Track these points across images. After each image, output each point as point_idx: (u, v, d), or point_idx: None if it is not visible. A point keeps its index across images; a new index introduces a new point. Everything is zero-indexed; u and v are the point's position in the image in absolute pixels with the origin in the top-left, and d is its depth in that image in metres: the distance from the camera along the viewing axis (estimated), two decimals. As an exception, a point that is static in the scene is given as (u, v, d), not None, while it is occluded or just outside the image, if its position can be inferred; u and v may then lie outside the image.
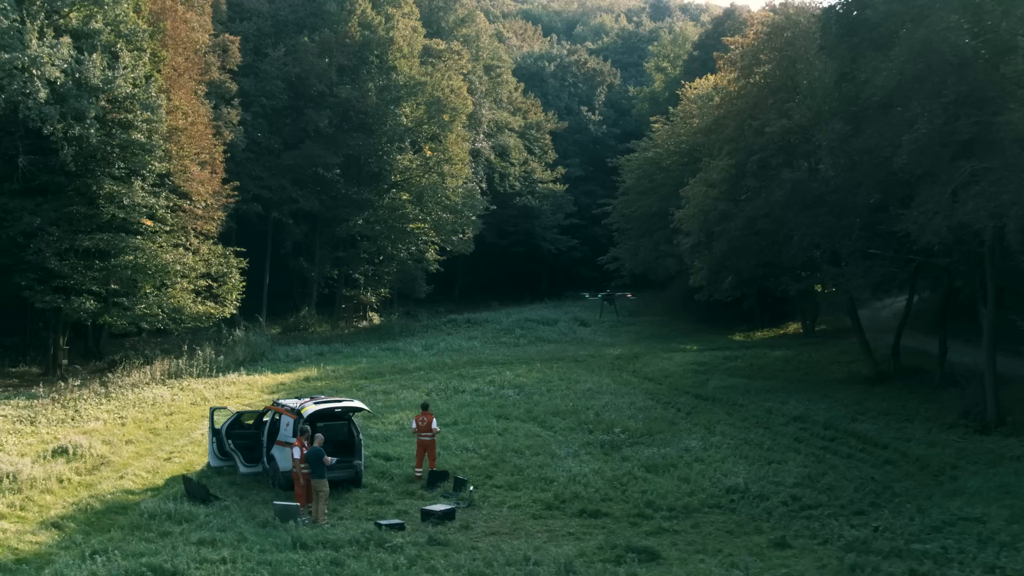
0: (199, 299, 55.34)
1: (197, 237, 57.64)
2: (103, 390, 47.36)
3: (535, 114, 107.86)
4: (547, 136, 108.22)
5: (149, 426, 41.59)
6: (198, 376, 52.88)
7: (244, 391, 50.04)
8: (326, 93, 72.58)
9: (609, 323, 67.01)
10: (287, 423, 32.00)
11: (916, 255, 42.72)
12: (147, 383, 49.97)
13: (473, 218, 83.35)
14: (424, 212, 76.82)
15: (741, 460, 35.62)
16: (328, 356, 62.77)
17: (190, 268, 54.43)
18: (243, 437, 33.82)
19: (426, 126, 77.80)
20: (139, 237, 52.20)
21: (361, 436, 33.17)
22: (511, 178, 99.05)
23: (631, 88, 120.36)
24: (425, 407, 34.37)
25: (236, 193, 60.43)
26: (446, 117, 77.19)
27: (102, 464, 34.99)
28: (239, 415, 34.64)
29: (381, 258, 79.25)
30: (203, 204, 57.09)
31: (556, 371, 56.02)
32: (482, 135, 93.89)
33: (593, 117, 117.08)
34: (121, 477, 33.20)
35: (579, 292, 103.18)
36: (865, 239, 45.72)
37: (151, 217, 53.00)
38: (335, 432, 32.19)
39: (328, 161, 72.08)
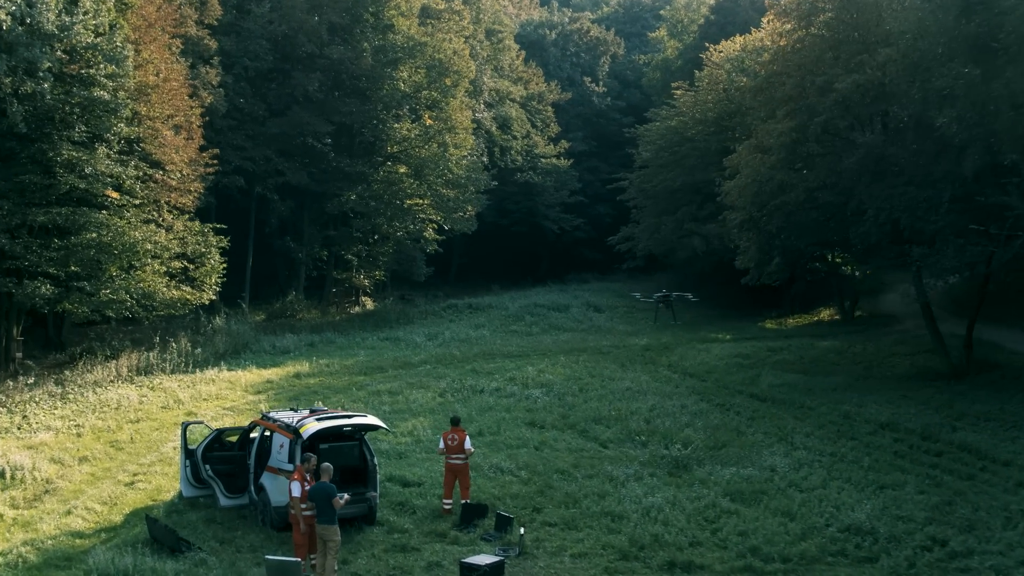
0: (173, 283, 48.09)
1: (171, 212, 50.23)
2: (59, 390, 40.41)
3: (537, 84, 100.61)
4: (549, 108, 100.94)
5: (110, 437, 34.54)
6: (171, 372, 45.65)
7: (225, 391, 42.86)
8: (316, 54, 65.13)
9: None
10: (281, 443, 24.93)
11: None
12: (111, 381, 42.92)
13: (477, 194, 76.04)
14: (424, 186, 69.35)
15: (846, 485, 28.69)
16: (320, 347, 55.62)
17: (163, 247, 47.17)
18: (225, 461, 26.63)
19: (426, 91, 70.23)
20: (103, 212, 45.01)
21: (376, 461, 26.03)
22: (513, 152, 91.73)
23: (641, 56, 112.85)
24: (455, 422, 27.20)
25: (216, 162, 52.96)
26: (448, 81, 69.73)
27: (47, 492, 28.11)
28: (220, 432, 27.39)
29: (376, 237, 71.88)
30: (177, 174, 49.70)
31: (583, 366, 48.95)
32: (483, 105, 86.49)
33: (597, 89, 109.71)
34: (69, 512, 26.16)
35: (583, 274, 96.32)
36: (956, 213, 38.88)
37: (117, 188, 45.75)
38: (343, 456, 25.05)
39: (318, 129, 64.68)
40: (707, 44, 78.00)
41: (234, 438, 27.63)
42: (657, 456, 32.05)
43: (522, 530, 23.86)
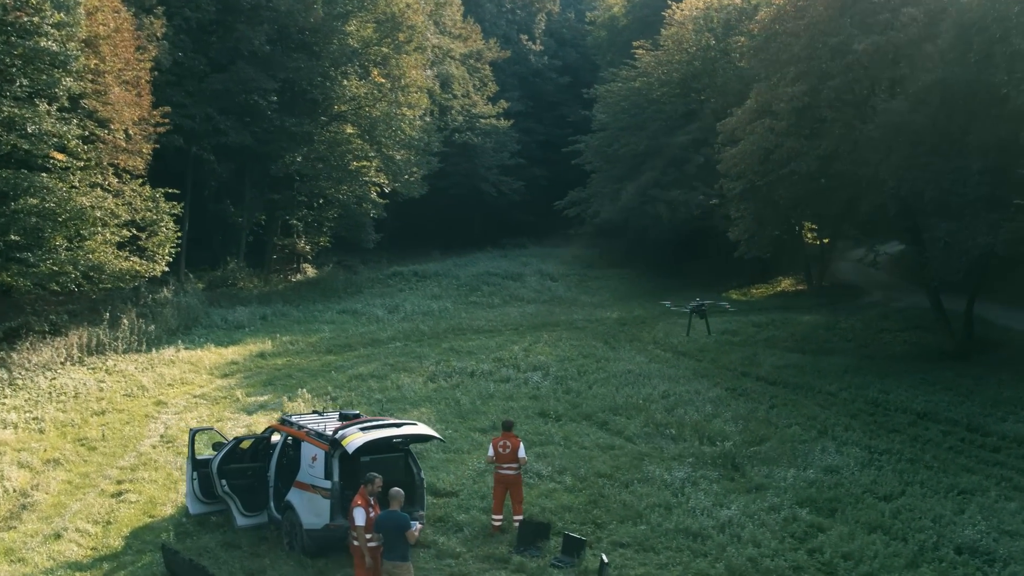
0: (122, 254, 43.75)
1: (118, 175, 45.65)
2: (5, 375, 35.97)
3: (475, 41, 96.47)
4: (487, 67, 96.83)
5: (77, 433, 30.59)
6: (125, 352, 41.43)
7: (189, 374, 38.93)
8: (262, 5, 60.36)
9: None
10: (313, 455, 21.30)
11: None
12: (62, 363, 38.61)
13: (428, 156, 72.34)
14: (374, 148, 65.16)
15: (924, 491, 25.88)
16: (274, 321, 51.72)
17: (111, 214, 42.79)
18: (242, 474, 22.89)
19: (376, 47, 65.77)
20: (45, 175, 40.49)
21: (423, 475, 22.56)
22: (453, 112, 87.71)
23: (588, 14, 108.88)
24: (508, 427, 23.67)
25: (167, 121, 48.40)
26: (402, 37, 65.51)
27: (24, 507, 24.08)
28: (238, 442, 23.57)
29: (321, 201, 67.64)
30: (122, 134, 45.10)
31: (569, 344, 45.82)
32: (426, 62, 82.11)
33: (533, 47, 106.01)
34: (58, 535, 22.24)
35: (518, 238, 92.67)
36: (989, 185, 36.33)
37: (61, 149, 41.22)
38: (387, 470, 21.28)
39: (263, 86, 59.96)
40: (668, 2, 74.54)
41: (245, 444, 23.91)
42: (698, 454, 29.08)
43: (604, 556, 20.49)
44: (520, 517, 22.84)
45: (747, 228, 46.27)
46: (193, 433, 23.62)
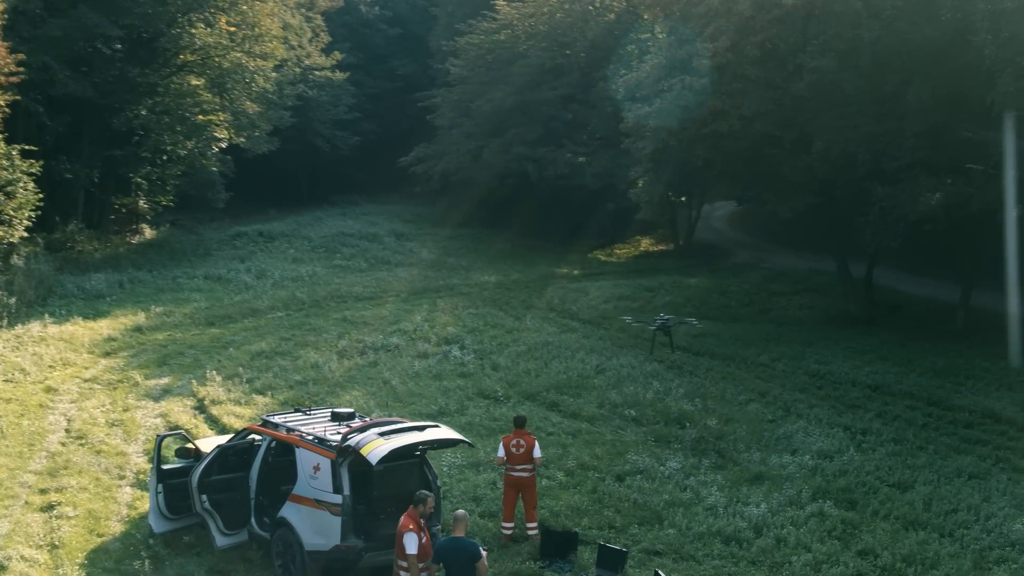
0: (-26, 218, 39.09)
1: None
2: None
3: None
4: (319, 16, 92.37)
5: (-33, 429, 26.46)
6: (-16, 328, 36.84)
7: (67, 353, 34.67)
8: (103, -58, 55.28)
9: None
10: (313, 464, 18.22)
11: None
12: (-84, 343, 34.03)
13: (281, 110, 68.37)
14: (225, 101, 60.76)
15: (940, 478, 24.28)
16: (134, 289, 47.30)
17: (-38, 174, 38.07)
18: (223, 487, 19.57)
19: (226, -9, 61.00)
20: None
21: (440, 483, 19.70)
22: (289, 63, 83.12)
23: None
24: (520, 424, 20.93)
25: (21, 69, 43.40)
26: (254, -18, 61.02)
27: (-55, 528, 20.19)
28: (222, 451, 20.03)
29: (165, 158, 62.63)
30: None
31: (467, 313, 42.86)
32: (278, 10, 77.23)
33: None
34: (1, 567, 18.55)
35: (350, 195, 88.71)
36: (927, 148, 35.19)
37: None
38: (401, 479, 18.60)
39: (107, 33, 54.76)
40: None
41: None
42: (670, 438, 26.99)
43: (661, 573, 18.05)
44: (534, 524, 20.31)
45: (650, 189, 44.21)
46: (160, 440, 20.16)
